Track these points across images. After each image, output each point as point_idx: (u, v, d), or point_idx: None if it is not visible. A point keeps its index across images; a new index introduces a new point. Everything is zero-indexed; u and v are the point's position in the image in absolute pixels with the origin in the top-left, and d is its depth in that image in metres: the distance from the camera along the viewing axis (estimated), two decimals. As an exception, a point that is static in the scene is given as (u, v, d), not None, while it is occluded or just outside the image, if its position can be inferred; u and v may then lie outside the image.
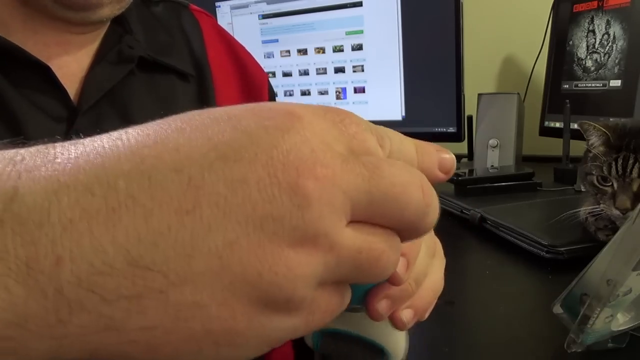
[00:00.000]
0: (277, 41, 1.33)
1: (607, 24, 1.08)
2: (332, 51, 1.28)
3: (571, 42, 1.17)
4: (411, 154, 0.22)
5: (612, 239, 0.43)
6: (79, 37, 0.49)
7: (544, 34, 1.27)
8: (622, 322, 0.45)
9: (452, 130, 1.20)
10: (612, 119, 0.87)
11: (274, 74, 1.35)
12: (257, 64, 0.66)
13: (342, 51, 1.27)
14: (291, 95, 1.35)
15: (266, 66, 1.30)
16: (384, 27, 1.22)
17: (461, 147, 1.28)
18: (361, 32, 1.24)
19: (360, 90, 1.28)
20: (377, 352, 0.28)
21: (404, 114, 1.25)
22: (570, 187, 1.02)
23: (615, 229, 0.65)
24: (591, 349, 0.45)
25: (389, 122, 1.26)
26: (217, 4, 1.36)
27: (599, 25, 1.10)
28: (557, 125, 1.19)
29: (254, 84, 0.64)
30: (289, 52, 1.33)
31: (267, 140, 0.17)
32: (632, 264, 0.39)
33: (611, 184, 0.67)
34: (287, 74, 1.34)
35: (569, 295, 0.46)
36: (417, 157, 0.22)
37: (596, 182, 0.68)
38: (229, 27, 1.35)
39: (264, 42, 1.34)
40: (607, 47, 1.08)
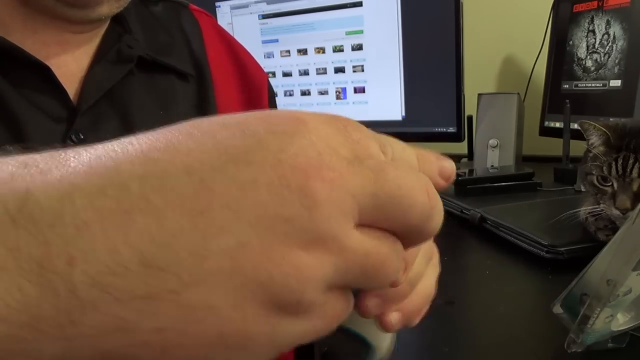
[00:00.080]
0: (277, 41, 1.33)
1: (607, 24, 1.08)
2: (332, 51, 1.28)
3: (571, 42, 1.17)
4: (412, 162, 0.22)
5: (612, 239, 0.43)
6: (78, 36, 0.49)
7: (544, 34, 1.27)
8: (622, 322, 0.45)
9: (452, 130, 1.20)
10: (612, 119, 0.87)
11: (274, 74, 1.35)
12: (257, 64, 0.66)
13: (342, 51, 1.27)
14: (291, 95, 1.35)
15: (266, 66, 1.30)
16: (384, 27, 1.22)
17: (461, 147, 1.28)
18: (361, 32, 1.24)
19: (360, 90, 1.28)
20: (363, 345, 0.28)
21: (404, 114, 1.25)
22: (570, 187, 1.02)
23: (615, 229, 0.65)
24: (591, 349, 0.45)
25: (389, 122, 1.26)
26: (217, 4, 1.36)
27: (599, 25, 1.10)
28: (557, 125, 1.19)
29: (253, 84, 0.64)
30: (289, 52, 1.33)
31: (276, 143, 0.17)
32: (632, 264, 0.39)
33: (611, 184, 0.67)
34: (287, 74, 1.34)
35: (569, 295, 0.46)
36: (418, 164, 0.22)
37: (596, 182, 0.68)
38: (229, 27, 1.35)
39: (264, 42, 1.34)
40: (607, 47, 1.08)
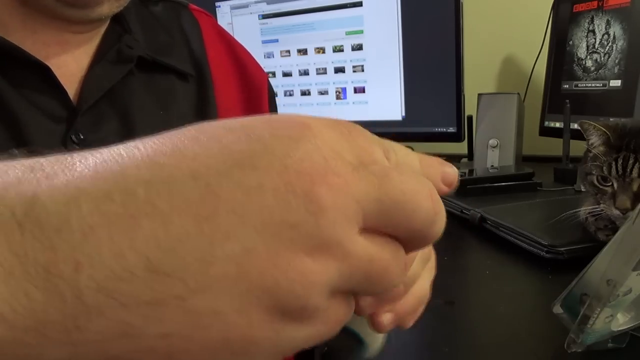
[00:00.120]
0: (277, 41, 1.33)
1: (607, 24, 1.08)
2: (332, 51, 1.28)
3: (571, 42, 1.17)
4: (415, 167, 0.22)
5: (612, 239, 0.43)
6: (78, 36, 0.49)
7: (544, 34, 1.27)
8: (622, 322, 0.45)
9: (452, 130, 1.21)
10: (612, 119, 0.87)
11: (274, 74, 1.35)
12: (257, 63, 0.66)
13: (342, 51, 1.27)
14: (291, 95, 1.35)
15: (266, 66, 1.30)
16: (384, 27, 1.22)
17: (461, 147, 1.28)
18: (361, 32, 1.24)
19: (360, 90, 1.28)
20: (356, 342, 0.29)
21: (404, 114, 1.25)
22: (570, 187, 1.02)
23: (615, 229, 0.65)
24: (591, 349, 0.45)
25: (389, 122, 1.26)
26: (217, 4, 1.36)
27: (599, 25, 1.10)
28: (557, 125, 1.19)
29: (253, 84, 0.64)
30: (289, 52, 1.33)
31: (281, 148, 0.17)
32: (632, 264, 0.39)
33: (611, 184, 0.67)
34: (287, 74, 1.34)
35: (569, 295, 0.46)
36: (421, 170, 0.22)
37: (596, 182, 0.68)
38: (229, 27, 1.35)
39: (264, 42, 1.34)
40: (607, 47, 1.08)
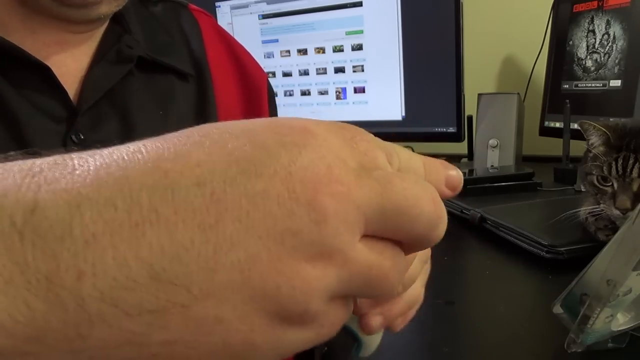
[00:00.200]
0: (277, 41, 1.33)
1: (607, 24, 1.08)
2: (332, 51, 1.28)
3: (571, 42, 1.17)
4: (419, 171, 0.22)
5: (612, 239, 0.43)
6: (78, 36, 0.49)
7: (544, 34, 1.27)
8: (622, 322, 0.45)
9: (452, 130, 1.20)
10: (612, 119, 0.87)
11: (274, 74, 1.35)
12: (257, 63, 0.66)
13: (342, 51, 1.27)
14: (291, 95, 1.35)
15: (266, 66, 1.30)
16: (384, 27, 1.22)
17: (461, 147, 1.28)
18: (361, 32, 1.24)
19: (360, 90, 1.28)
20: (353, 340, 0.29)
21: (404, 114, 1.25)
22: (570, 187, 1.02)
23: (615, 229, 0.65)
24: (591, 349, 0.45)
25: (389, 122, 1.26)
26: (217, 4, 1.36)
27: (599, 25, 1.10)
28: (557, 125, 1.19)
29: (253, 84, 0.64)
30: (289, 52, 1.33)
31: (286, 156, 0.17)
32: (632, 264, 0.39)
33: (611, 184, 0.67)
34: (287, 74, 1.34)
35: (569, 295, 0.46)
36: (424, 173, 0.22)
37: (596, 182, 0.68)
38: (229, 27, 1.35)
39: (264, 42, 1.34)
40: (607, 47, 1.08)
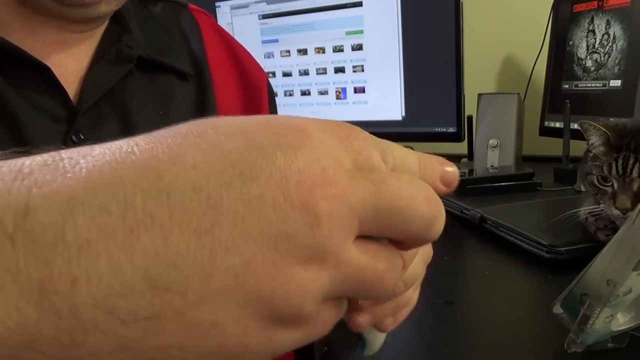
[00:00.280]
0: (277, 41, 1.33)
1: (607, 24, 1.08)
2: (332, 51, 1.28)
3: (571, 42, 1.17)
4: (414, 167, 0.22)
5: (612, 239, 0.42)
6: (78, 35, 0.49)
7: (544, 34, 1.27)
8: (622, 322, 0.45)
9: (452, 130, 1.20)
10: (612, 119, 0.87)
11: (274, 74, 1.35)
12: (257, 63, 0.66)
13: (342, 51, 1.27)
14: (291, 95, 1.35)
15: (266, 66, 1.30)
16: (384, 27, 1.22)
17: (461, 147, 1.28)
18: (361, 32, 1.24)
19: (360, 90, 1.28)
20: (358, 339, 0.29)
21: (404, 114, 1.25)
22: (570, 187, 1.02)
23: (615, 229, 0.65)
24: (591, 349, 0.45)
25: (389, 122, 1.26)
26: (217, 4, 1.36)
27: (599, 25, 1.10)
28: (557, 125, 1.19)
29: (253, 84, 0.64)
30: (289, 52, 1.33)
31: (281, 158, 0.17)
32: (632, 264, 0.39)
33: (611, 183, 0.67)
34: (287, 74, 1.34)
35: (569, 295, 0.46)
36: (419, 169, 0.22)
37: (596, 182, 0.68)
38: (229, 27, 1.35)
39: (264, 42, 1.34)
40: (607, 47, 1.08)
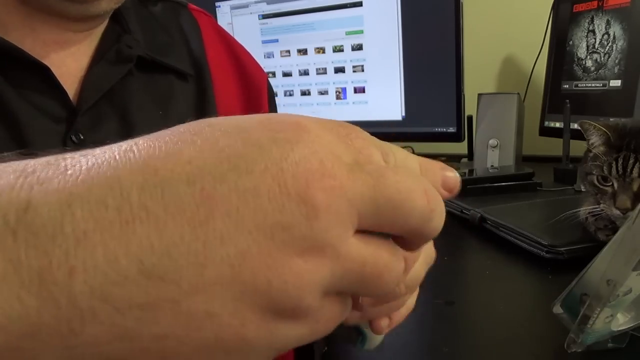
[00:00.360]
0: (277, 41, 1.33)
1: (607, 24, 1.08)
2: (332, 51, 1.28)
3: (571, 42, 1.17)
4: (414, 170, 0.22)
5: (612, 239, 0.42)
6: (78, 35, 0.49)
7: (544, 34, 1.27)
8: (622, 322, 0.45)
9: (452, 130, 1.20)
10: (612, 119, 0.87)
11: (274, 74, 1.35)
12: (257, 63, 0.66)
13: (342, 51, 1.27)
14: (291, 95, 1.35)
15: (266, 66, 1.30)
16: (384, 27, 1.22)
17: (461, 147, 1.28)
18: (361, 32, 1.24)
19: (360, 90, 1.28)
20: (358, 334, 0.29)
21: (404, 114, 1.25)
22: (570, 187, 1.02)
23: (615, 229, 0.65)
24: (591, 349, 0.45)
25: (389, 122, 1.26)
26: (217, 4, 1.36)
27: (599, 25, 1.10)
28: (557, 125, 1.19)
29: (253, 84, 0.64)
30: (289, 52, 1.33)
31: (277, 152, 0.17)
32: (632, 264, 0.39)
33: (611, 183, 0.66)
34: (287, 74, 1.34)
35: (569, 295, 0.46)
36: (420, 173, 0.22)
37: (596, 181, 0.68)
38: (229, 27, 1.35)
39: (264, 42, 1.34)
40: (607, 47, 1.08)
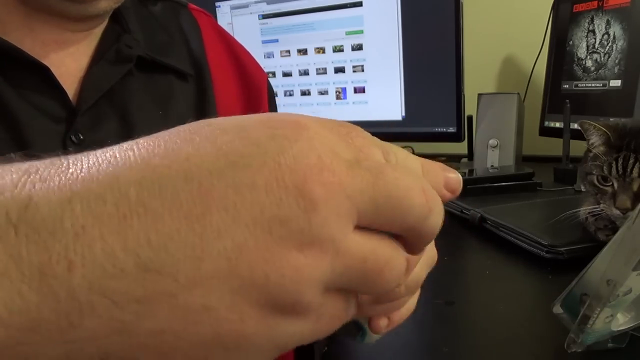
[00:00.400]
0: (277, 41, 1.33)
1: (607, 24, 1.08)
2: (332, 51, 1.28)
3: (571, 42, 1.17)
4: (416, 170, 0.22)
5: (612, 239, 0.42)
6: (77, 35, 0.49)
7: (544, 34, 1.27)
8: (622, 322, 0.45)
9: (452, 130, 1.20)
10: (612, 119, 0.87)
11: (274, 74, 1.35)
12: (257, 63, 0.66)
13: (342, 51, 1.27)
14: (291, 95, 1.35)
15: (266, 66, 1.30)
16: (384, 27, 1.22)
17: (461, 147, 1.28)
18: (361, 32, 1.24)
19: (360, 90, 1.28)
20: (358, 328, 0.29)
21: (404, 114, 1.25)
22: (570, 187, 1.02)
23: (615, 229, 0.65)
24: (591, 349, 0.45)
25: (389, 122, 1.26)
26: (217, 4, 1.36)
27: (599, 25, 1.10)
28: (557, 125, 1.19)
29: (253, 84, 0.64)
30: (289, 52, 1.33)
31: (275, 147, 0.17)
32: (632, 264, 0.39)
33: (611, 183, 0.66)
34: (287, 74, 1.34)
35: (569, 295, 0.46)
36: (422, 174, 0.22)
37: (596, 181, 0.68)
38: (229, 27, 1.35)
39: (264, 42, 1.34)
40: (607, 47, 1.08)
